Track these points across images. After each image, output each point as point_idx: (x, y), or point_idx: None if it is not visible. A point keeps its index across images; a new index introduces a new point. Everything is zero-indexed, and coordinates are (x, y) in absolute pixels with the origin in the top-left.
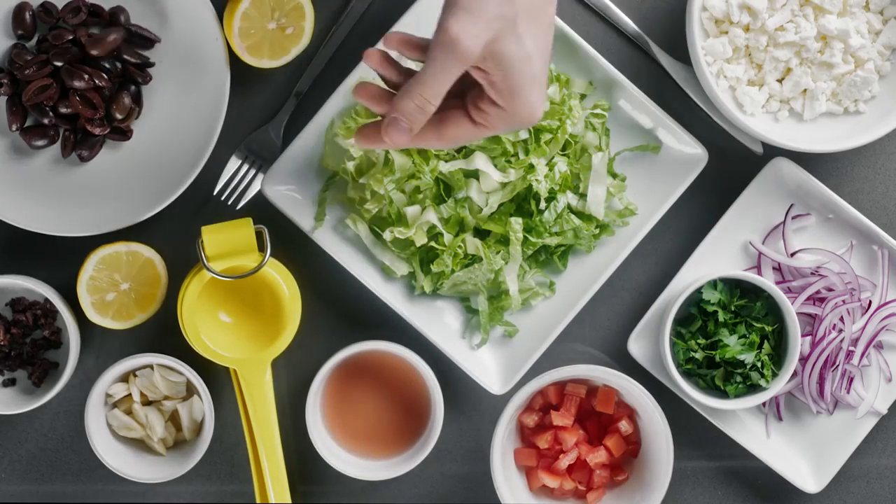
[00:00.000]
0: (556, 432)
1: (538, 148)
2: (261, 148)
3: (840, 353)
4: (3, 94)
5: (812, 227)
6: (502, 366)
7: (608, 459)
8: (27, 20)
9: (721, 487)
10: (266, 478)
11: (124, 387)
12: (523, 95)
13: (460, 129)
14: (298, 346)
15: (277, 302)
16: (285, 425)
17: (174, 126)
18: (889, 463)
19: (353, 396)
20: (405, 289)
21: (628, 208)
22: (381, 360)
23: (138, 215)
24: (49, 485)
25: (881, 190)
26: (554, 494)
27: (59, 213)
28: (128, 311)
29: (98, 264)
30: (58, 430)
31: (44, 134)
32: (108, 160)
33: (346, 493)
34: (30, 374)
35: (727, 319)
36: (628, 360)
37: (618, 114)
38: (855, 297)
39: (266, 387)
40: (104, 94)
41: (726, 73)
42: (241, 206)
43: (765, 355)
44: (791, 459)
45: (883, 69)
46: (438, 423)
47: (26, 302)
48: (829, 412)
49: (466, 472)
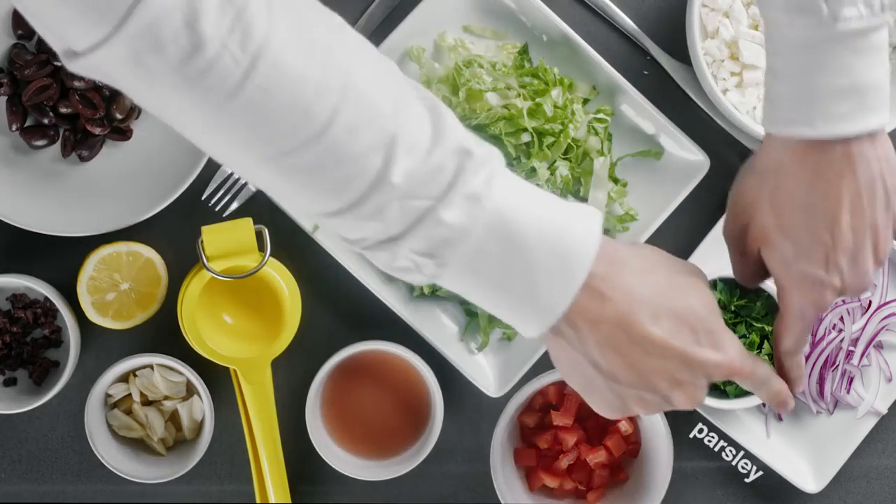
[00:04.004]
0: (556, 432)
1: (540, 151)
2: None
3: (840, 353)
4: (3, 94)
5: None
6: (500, 369)
7: (608, 459)
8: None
9: (721, 487)
10: (266, 478)
11: (124, 387)
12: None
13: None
14: (298, 346)
15: (277, 302)
16: (285, 425)
17: None
18: (889, 463)
19: (353, 396)
20: (405, 290)
21: (629, 214)
22: (381, 360)
23: (138, 215)
24: (49, 485)
25: None
26: (554, 494)
27: (59, 213)
28: (128, 311)
29: (98, 264)
30: (58, 430)
31: (44, 134)
32: (108, 160)
33: (346, 493)
34: (30, 373)
35: (727, 319)
36: None
37: (620, 119)
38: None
39: (266, 387)
40: (104, 94)
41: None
42: (228, 213)
43: (765, 355)
44: (791, 459)
45: None
46: (438, 423)
47: (27, 300)
48: (829, 412)
49: (466, 472)
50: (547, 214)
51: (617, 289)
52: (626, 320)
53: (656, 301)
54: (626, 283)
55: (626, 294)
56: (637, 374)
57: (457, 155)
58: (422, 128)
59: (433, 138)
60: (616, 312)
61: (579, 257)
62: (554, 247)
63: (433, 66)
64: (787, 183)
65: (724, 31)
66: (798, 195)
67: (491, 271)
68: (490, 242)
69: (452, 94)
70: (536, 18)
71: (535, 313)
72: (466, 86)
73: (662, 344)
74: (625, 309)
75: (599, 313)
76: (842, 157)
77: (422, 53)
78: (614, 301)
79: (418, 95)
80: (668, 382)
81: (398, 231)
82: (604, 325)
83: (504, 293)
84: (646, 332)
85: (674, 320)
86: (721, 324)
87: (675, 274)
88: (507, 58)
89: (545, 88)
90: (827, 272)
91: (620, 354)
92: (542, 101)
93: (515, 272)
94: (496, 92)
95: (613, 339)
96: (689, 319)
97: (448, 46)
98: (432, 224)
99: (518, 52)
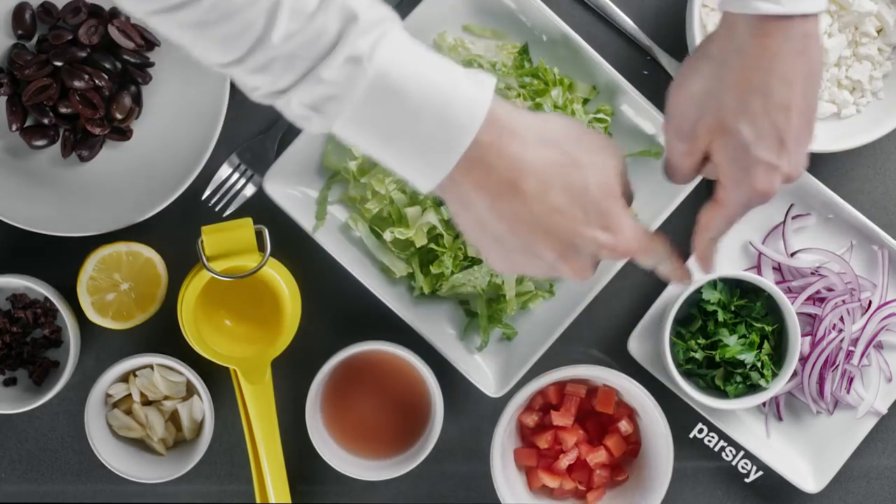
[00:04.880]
0: (556, 432)
1: None
2: (254, 157)
3: (840, 353)
4: (3, 94)
5: (812, 227)
6: (500, 368)
7: (608, 459)
8: (27, 20)
9: (721, 487)
10: (266, 478)
11: (124, 387)
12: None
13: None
14: (298, 346)
15: (277, 302)
16: (285, 425)
17: (174, 126)
18: (889, 463)
19: (353, 396)
20: (405, 290)
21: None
22: (381, 360)
23: (138, 215)
24: (49, 485)
25: (881, 190)
26: (554, 494)
27: (59, 213)
28: (128, 311)
29: (98, 264)
30: (58, 430)
31: (44, 134)
32: (108, 160)
33: (346, 493)
34: (30, 373)
35: (727, 319)
36: (628, 360)
37: (620, 119)
38: (855, 297)
39: (266, 387)
40: (104, 94)
41: None
42: (228, 214)
43: (765, 355)
44: (791, 459)
45: (883, 68)
46: (438, 423)
47: (27, 300)
48: (829, 412)
49: (466, 472)
50: (436, 78)
51: (504, 157)
52: (509, 189)
53: (547, 174)
54: (513, 153)
55: (513, 163)
56: (521, 241)
57: (341, 19)
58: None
59: (320, 2)
60: (499, 181)
61: (462, 125)
62: (437, 112)
63: None
64: (748, 65)
65: None
66: (757, 78)
67: (376, 128)
68: (372, 102)
69: None
70: (536, 18)
71: (421, 172)
72: None
73: (546, 218)
74: (509, 177)
75: (484, 180)
76: (800, 38)
77: None
78: (498, 170)
79: None
80: (553, 253)
81: (285, 85)
82: (487, 191)
83: (392, 149)
84: (528, 203)
85: (563, 196)
86: (617, 205)
87: (578, 150)
88: (507, 58)
89: (545, 88)
90: (779, 157)
91: (504, 221)
92: (542, 101)
93: (399, 132)
94: (496, 92)
95: (497, 205)
96: (581, 198)
97: (448, 46)
98: (314, 81)
99: (518, 52)
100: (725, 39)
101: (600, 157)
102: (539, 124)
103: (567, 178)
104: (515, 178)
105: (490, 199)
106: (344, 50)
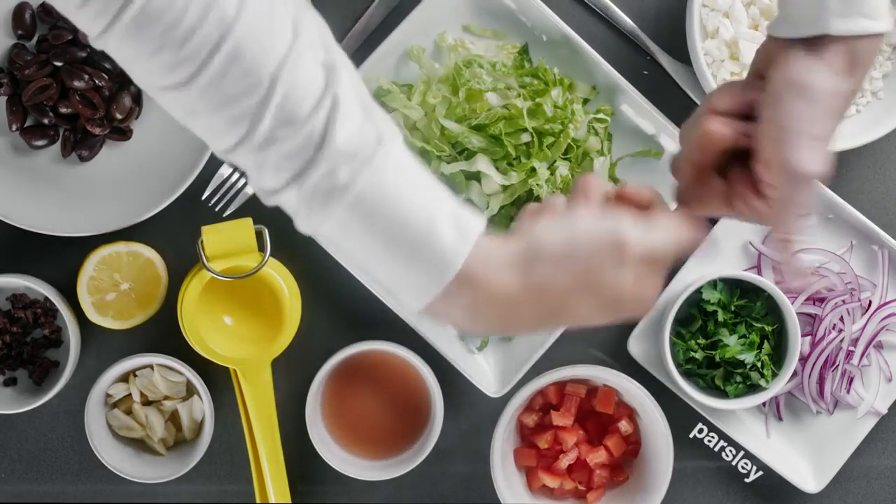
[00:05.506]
0: (556, 432)
1: (540, 152)
2: None
3: (840, 353)
4: (3, 94)
5: (812, 227)
6: (500, 368)
7: (608, 459)
8: (27, 20)
9: (721, 487)
10: (266, 478)
11: (124, 387)
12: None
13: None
14: (298, 346)
15: (277, 302)
16: (285, 425)
17: (174, 126)
18: (889, 463)
19: (353, 396)
20: None
21: None
22: (381, 360)
23: (138, 215)
24: (49, 485)
25: (881, 190)
26: (554, 494)
27: (59, 213)
28: (128, 311)
29: (98, 264)
30: (58, 430)
31: (44, 134)
32: (108, 160)
33: (346, 493)
34: (31, 373)
35: (727, 319)
36: (628, 360)
37: (620, 119)
38: (855, 297)
39: (266, 387)
40: (104, 94)
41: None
42: (227, 214)
43: (765, 355)
44: (791, 459)
45: (883, 68)
46: (438, 424)
47: (27, 300)
48: (829, 412)
49: (466, 472)
50: (419, 208)
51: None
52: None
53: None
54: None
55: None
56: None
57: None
58: (308, 89)
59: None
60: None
61: (443, 265)
62: (408, 255)
63: (433, 66)
64: (826, 90)
65: (724, 31)
66: (833, 102)
67: (361, 247)
68: (354, 222)
69: (452, 93)
70: (536, 18)
71: (406, 295)
72: (466, 86)
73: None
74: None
75: (475, 302)
76: (867, 55)
77: (422, 53)
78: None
79: (316, 58)
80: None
81: (272, 186)
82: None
83: (378, 271)
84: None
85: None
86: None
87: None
88: (507, 58)
89: (545, 88)
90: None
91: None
92: (542, 101)
93: (377, 258)
94: (496, 92)
95: (485, 328)
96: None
97: (448, 46)
98: (299, 195)
99: (518, 52)
100: (800, 69)
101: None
102: (523, 272)
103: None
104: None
105: (478, 320)
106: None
